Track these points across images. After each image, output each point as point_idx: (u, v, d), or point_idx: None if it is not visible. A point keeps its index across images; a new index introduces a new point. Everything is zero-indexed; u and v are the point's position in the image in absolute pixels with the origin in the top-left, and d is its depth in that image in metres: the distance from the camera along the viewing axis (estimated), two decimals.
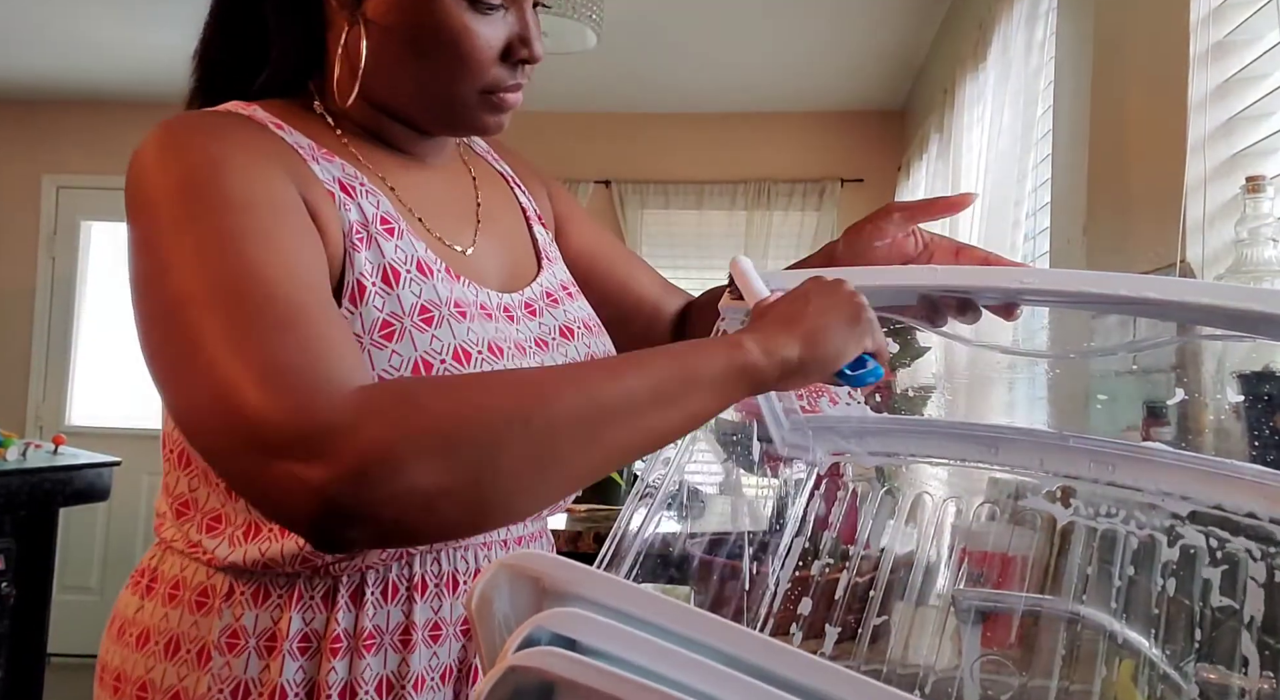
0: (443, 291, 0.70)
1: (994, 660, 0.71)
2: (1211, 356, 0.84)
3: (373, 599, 0.71)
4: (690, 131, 4.41)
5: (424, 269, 0.70)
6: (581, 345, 0.81)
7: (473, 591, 0.41)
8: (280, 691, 0.68)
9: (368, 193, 0.71)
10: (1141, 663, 0.65)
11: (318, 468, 0.49)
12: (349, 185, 0.70)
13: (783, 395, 0.81)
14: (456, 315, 0.69)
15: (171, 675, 0.70)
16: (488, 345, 0.70)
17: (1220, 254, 1.25)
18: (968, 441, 0.76)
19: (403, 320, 0.67)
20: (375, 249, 0.68)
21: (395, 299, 0.67)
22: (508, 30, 0.72)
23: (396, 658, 0.71)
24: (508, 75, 0.73)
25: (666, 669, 0.36)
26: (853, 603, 0.76)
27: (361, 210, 0.69)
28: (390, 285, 0.67)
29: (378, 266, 0.68)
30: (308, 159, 0.69)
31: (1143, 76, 1.61)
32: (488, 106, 0.73)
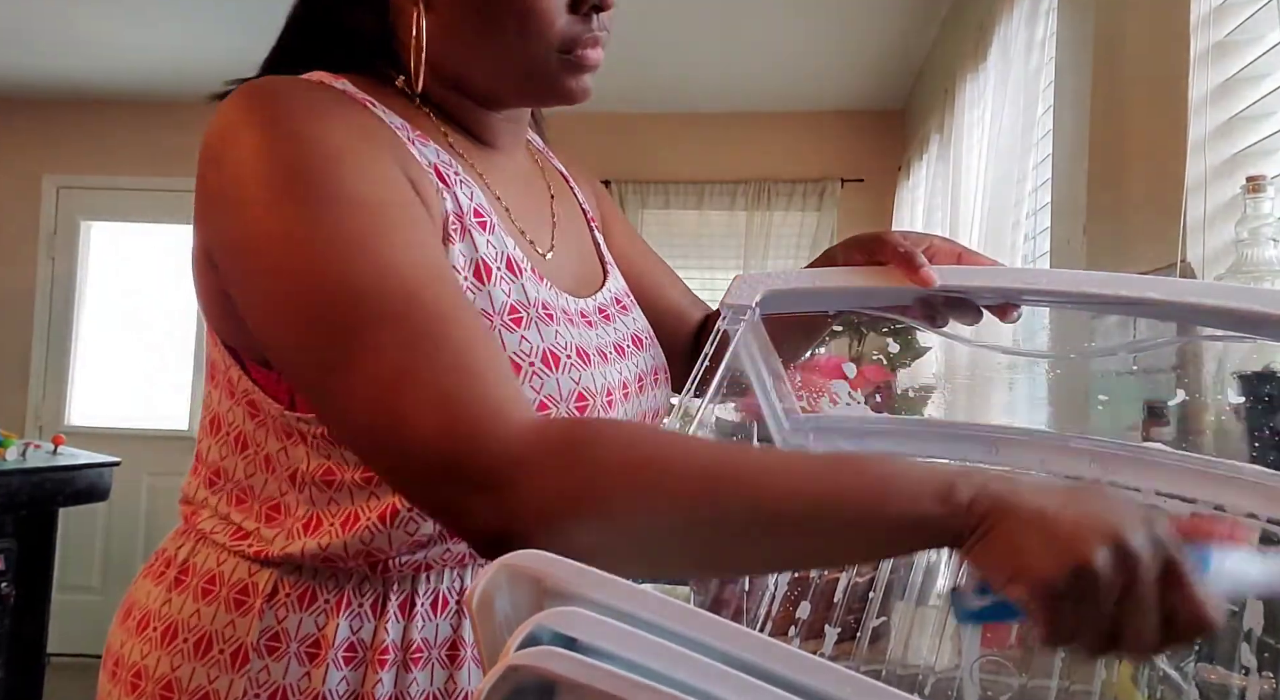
0: (531, 292, 0.68)
1: (994, 661, 0.71)
2: (1212, 357, 0.84)
3: (422, 611, 0.68)
4: (690, 131, 4.41)
5: (513, 267, 0.68)
6: (649, 356, 0.79)
7: (473, 590, 0.41)
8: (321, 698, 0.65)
9: (462, 181, 0.68)
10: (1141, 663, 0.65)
11: (491, 499, 0.50)
12: (444, 172, 0.67)
13: (783, 395, 0.81)
14: (544, 317, 0.68)
15: (201, 675, 0.66)
16: (575, 350, 0.68)
17: (1220, 254, 1.25)
18: (968, 441, 0.76)
19: (492, 319, 0.64)
20: (469, 242, 0.66)
21: (486, 296, 0.65)
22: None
23: (444, 674, 0.69)
24: (583, 28, 0.68)
25: (667, 668, 0.36)
26: (852, 603, 0.76)
27: (457, 200, 0.67)
28: (482, 281, 0.65)
29: (470, 261, 0.65)
30: (405, 140, 0.66)
31: (1143, 76, 1.61)
32: (568, 68, 0.69)
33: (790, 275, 0.72)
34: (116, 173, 4.45)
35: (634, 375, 0.75)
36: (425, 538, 0.66)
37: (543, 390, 0.64)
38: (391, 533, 0.64)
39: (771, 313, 0.73)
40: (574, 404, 0.66)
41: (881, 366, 1.05)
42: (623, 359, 0.74)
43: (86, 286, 4.49)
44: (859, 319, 1.12)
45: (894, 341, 1.07)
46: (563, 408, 0.65)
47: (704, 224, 4.37)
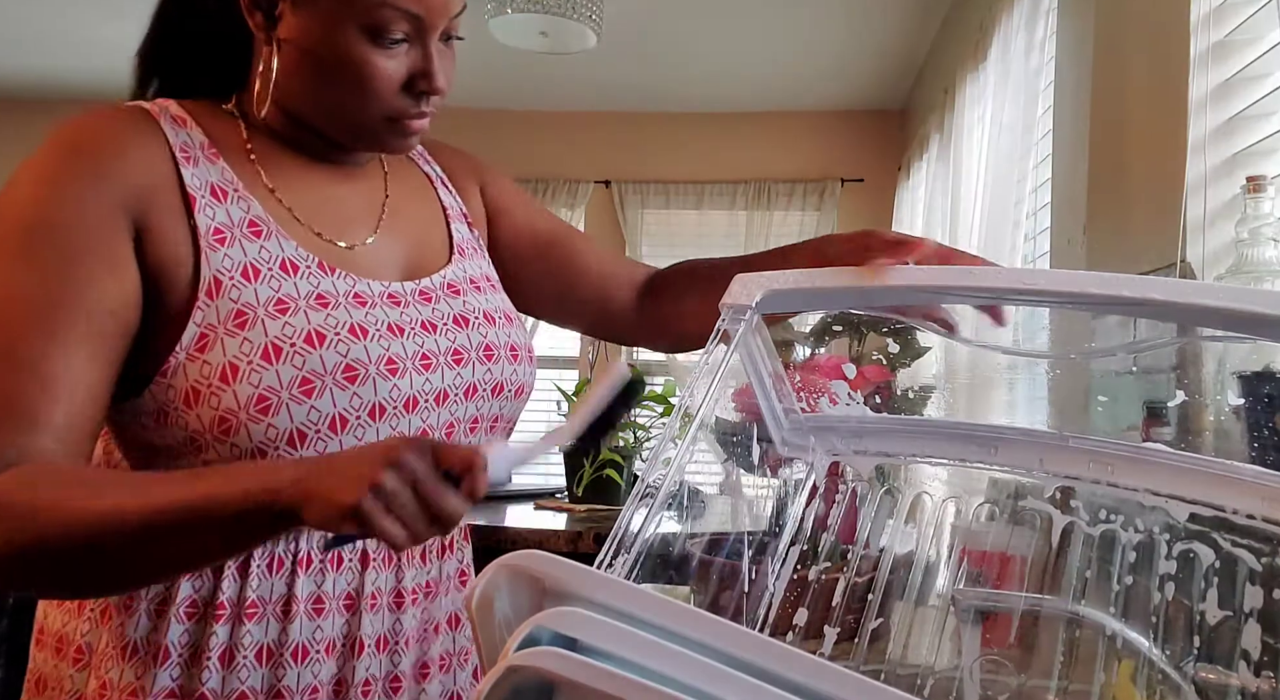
0: (303, 287, 0.76)
1: (993, 660, 0.71)
2: (1212, 357, 0.84)
3: (258, 571, 0.75)
4: (690, 131, 4.41)
5: (287, 267, 0.76)
6: (477, 334, 0.85)
7: (473, 591, 0.41)
8: (164, 652, 0.74)
9: (240, 198, 0.77)
10: (1140, 663, 0.65)
11: None
12: (222, 189, 0.77)
13: (783, 395, 0.81)
14: (315, 306, 0.75)
15: (82, 629, 0.78)
16: (348, 328, 0.76)
17: (1220, 254, 1.25)
18: (967, 442, 0.76)
19: (256, 310, 0.73)
20: (238, 248, 0.75)
21: (252, 291, 0.73)
22: (410, 63, 0.76)
23: (277, 627, 0.75)
24: (411, 105, 0.78)
25: (666, 669, 0.36)
26: (852, 603, 0.76)
27: (228, 214, 0.76)
28: (249, 280, 0.74)
29: (238, 264, 0.74)
30: (184, 161, 0.76)
31: (1143, 76, 1.61)
32: (393, 131, 0.79)
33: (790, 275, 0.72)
34: None
35: (444, 349, 0.81)
36: None
37: (305, 366, 0.72)
38: None
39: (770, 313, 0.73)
40: (341, 375, 0.74)
41: (881, 366, 1.05)
42: (431, 334, 0.81)
43: None
44: (859, 319, 1.12)
45: (894, 341, 1.07)
46: (328, 379, 0.73)
47: (704, 224, 4.38)
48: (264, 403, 0.71)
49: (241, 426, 0.71)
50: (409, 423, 0.77)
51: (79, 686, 0.76)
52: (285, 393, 0.71)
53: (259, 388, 0.71)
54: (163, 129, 0.76)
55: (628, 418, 0.65)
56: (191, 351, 0.71)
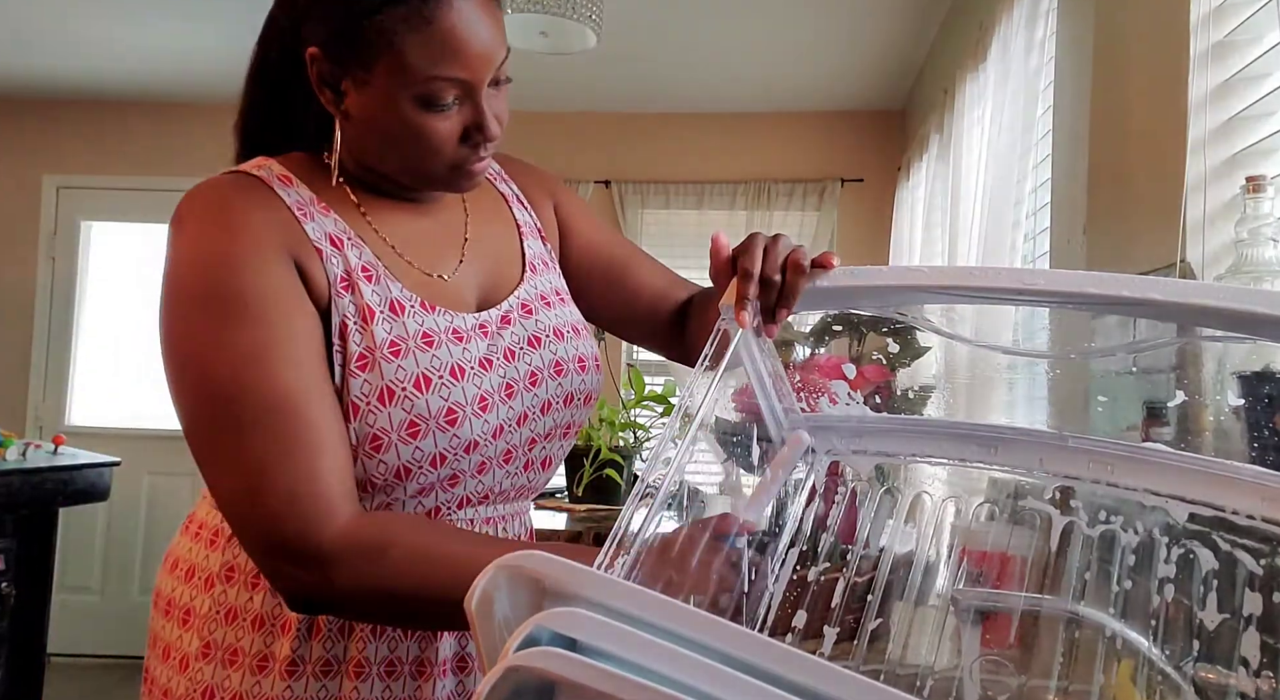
0: (411, 326, 0.83)
1: (993, 660, 0.71)
2: (1211, 357, 0.84)
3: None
4: (690, 131, 4.41)
5: (395, 308, 0.84)
6: (548, 353, 0.93)
7: (473, 591, 0.41)
8: (260, 620, 0.84)
9: (353, 243, 0.85)
10: (1140, 663, 0.65)
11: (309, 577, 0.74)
12: (338, 238, 0.84)
13: (783, 395, 0.81)
14: (422, 345, 0.83)
15: (184, 594, 0.87)
16: (450, 369, 0.84)
17: (1220, 254, 1.25)
18: (967, 441, 0.76)
19: (374, 353, 0.81)
20: (357, 293, 0.83)
21: (370, 334, 0.81)
22: (464, 120, 0.83)
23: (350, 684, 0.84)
24: (469, 154, 0.84)
25: (666, 669, 0.36)
26: (851, 603, 0.76)
27: (346, 260, 0.83)
28: (366, 323, 0.82)
29: (358, 309, 0.82)
30: (302, 218, 0.83)
31: (1143, 76, 1.61)
32: (458, 175, 0.86)
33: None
34: (116, 173, 4.45)
35: (523, 374, 0.90)
36: None
37: (413, 411, 0.80)
38: None
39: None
40: (443, 419, 0.82)
41: (881, 366, 1.05)
42: (511, 362, 0.89)
43: (87, 287, 4.49)
44: (858, 319, 1.12)
45: (894, 341, 1.07)
46: (431, 423, 0.81)
47: (704, 224, 4.37)
48: (376, 442, 0.79)
49: (357, 461, 0.79)
50: (495, 447, 0.86)
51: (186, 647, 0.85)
52: (395, 434, 0.80)
53: (374, 428, 0.79)
54: (275, 191, 0.84)
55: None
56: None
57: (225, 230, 0.79)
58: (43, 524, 2.47)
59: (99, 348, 4.43)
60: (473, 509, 0.89)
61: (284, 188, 0.84)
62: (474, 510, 0.90)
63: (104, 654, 4.17)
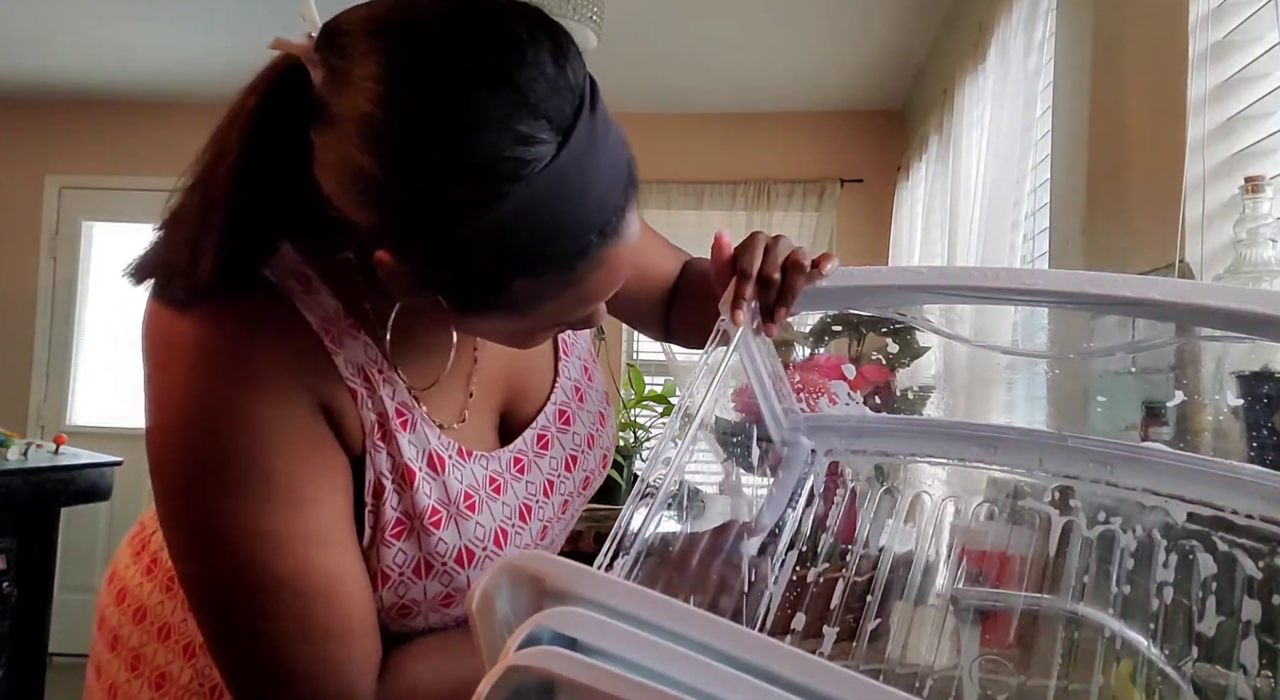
0: (454, 486, 0.72)
1: (992, 660, 0.71)
2: (1210, 357, 0.84)
3: None
4: (690, 131, 4.41)
5: (435, 463, 0.71)
6: (580, 473, 0.84)
7: (474, 591, 0.41)
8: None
9: (385, 380, 0.69)
10: (1140, 662, 0.65)
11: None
12: (369, 372, 0.68)
13: (783, 395, 0.81)
14: (465, 512, 0.72)
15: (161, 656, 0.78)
16: (493, 537, 0.74)
17: (1219, 254, 1.25)
18: (967, 441, 0.76)
19: (413, 522, 0.70)
20: (395, 445, 0.69)
21: (409, 500, 0.69)
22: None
23: None
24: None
25: (667, 668, 0.36)
26: (851, 602, 0.76)
27: (381, 402, 0.69)
28: (405, 486, 0.69)
29: (396, 466, 0.69)
30: (332, 345, 0.67)
31: (1142, 76, 1.61)
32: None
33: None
34: (118, 173, 4.45)
35: (558, 506, 0.81)
36: None
37: (451, 584, 0.71)
38: None
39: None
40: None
41: (881, 366, 1.05)
42: (548, 498, 0.80)
43: (88, 287, 4.49)
44: (858, 319, 1.12)
45: (893, 341, 1.07)
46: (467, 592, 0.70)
47: (704, 224, 4.37)
48: (405, 611, 0.71)
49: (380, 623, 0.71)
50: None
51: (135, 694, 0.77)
52: (426, 604, 0.72)
53: (404, 598, 0.71)
54: (299, 310, 0.66)
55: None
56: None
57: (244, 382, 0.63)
58: (44, 524, 2.47)
59: (100, 347, 4.43)
60: None
61: (307, 295, 0.66)
62: None
63: None
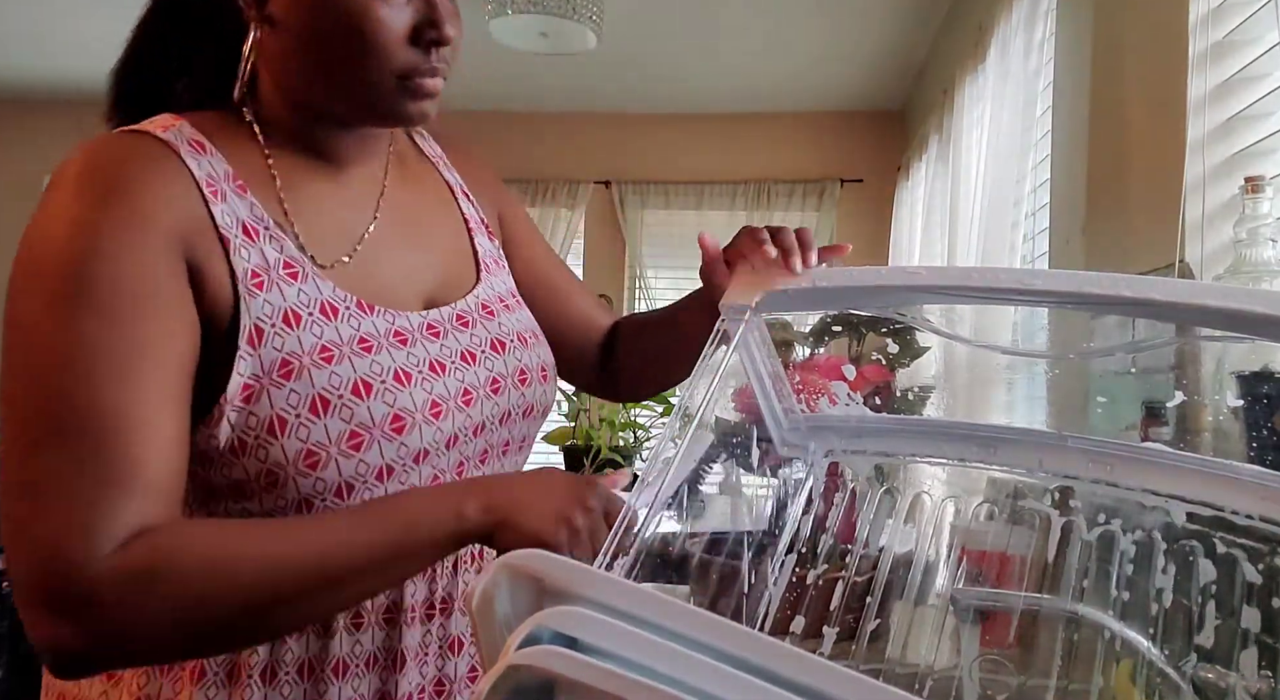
0: (345, 331, 0.72)
1: (992, 660, 0.71)
2: (1210, 357, 0.84)
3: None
4: (690, 131, 4.41)
5: (327, 310, 0.72)
6: (513, 359, 0.83)
7: (473, 591, 0.41)
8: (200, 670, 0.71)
9: (271, 237, 0.72)
10: (1140, 662, 0.65)
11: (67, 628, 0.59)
12: (252, 227, 0.72)
13: (783, 395, 0.81)
14: (359, 351, 0.72)
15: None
16: (393, 374, 0.73)
17: (1219, 254, 1.25)
18: (967, 441, 0.76)
19: (301, 358, 0.69)
20: (277, 292, 0.71)
21: (295, 339, 0.70)
22: (414, 14, 0.72)
23: (317, 642, 0.73)
24: (421, 59, 0.73)
25: (667, 668, 0.36)
26: (851, 602, 0.76)
27: (263, 255, 0.71)
28: (290, 327, 0.70)
29: (278, 309, 0.70)
30: (212, 198, 0.70)
31: (1142, 77, 1.61)
32: (406, 93, 0.73)
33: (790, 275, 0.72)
34: None
35: (484, 380, 0.80)
36: None
37: (353, 420, 0.70)
38: None
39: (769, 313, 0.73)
40: (388, 427, 0.71)
41: (881, 366, 1.05)
42: (471, 366, 0.79)
43: None
44: (858, 319, 1.12)
45: (893, 342, 1.07)
46: (376, 432, 0.71)
47: (704, 224, 4.37)
48: (312, 457, 0.69)
49: (290, 480, 0.69)
50: (448, 458, 0.76)
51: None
52: (334, 447, 0.69)
53: (307, 442, 0.68)
54: (184, 161, 0.70)
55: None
56: (236, 403, 0.68)
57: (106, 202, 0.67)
58: None
59: None
60: None
61: (195, 156, 0.71)
62: None
63: None
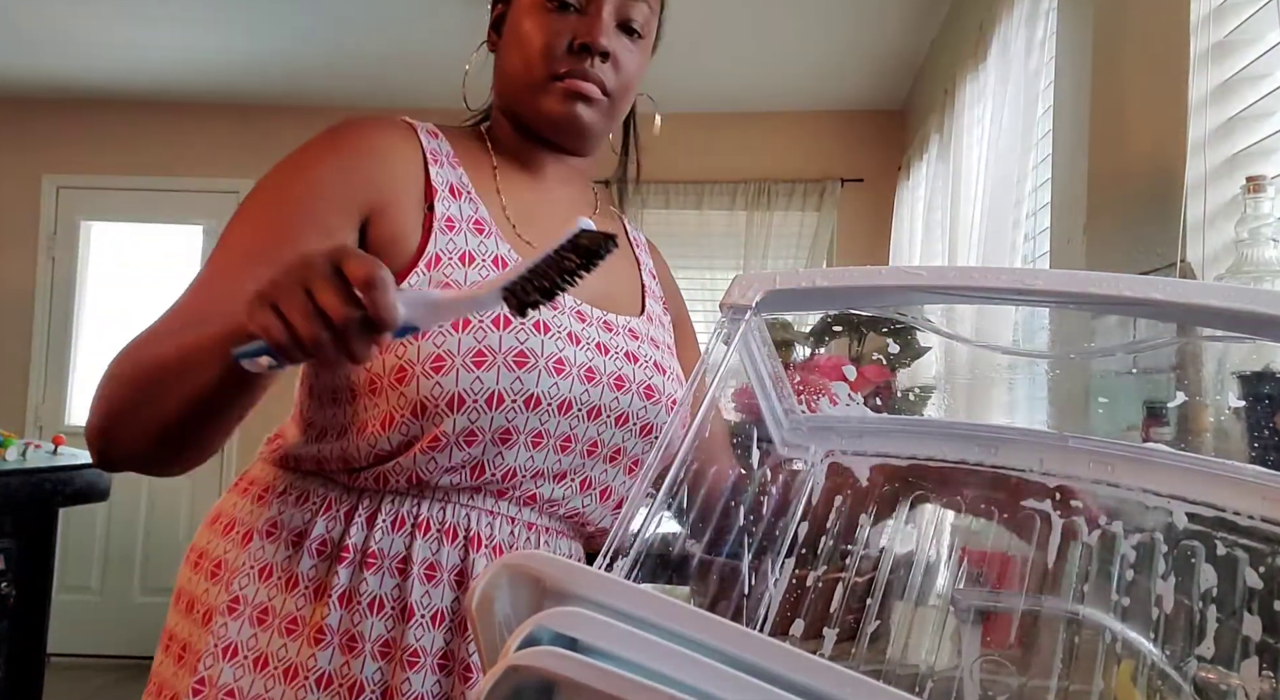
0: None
1: (993, 661, 0.71)
2: (1212, 357, 0.84)
3: (382, 525, 0.82)
4: (690, 131, 4.41)
5: (499, 263, 0.85)
6: (642, 373, 0.90)
7: (473, 591, 0.41)
8: (295, 580, 0.82)
9: (470, 199, 0.89)
10: (1141, 663, 0.65)
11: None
12: (458, 189, 0.88)
13: (783, 395, 0.81)
14: None
15: (218, 548, 0.86)
16: (534, 322, 0.82)
17: (1220, 254, 1.25)
18: (968, 442, 0.76)
19: (461, 285, 0.81)
20: (462, 237, 0.85)
21: (463, 273, 0.83)
22: (577, 25, 0.88)
23: (393, 582, 0.82)
24: (574, 62, 0.88)
25: (667, 668, 0.36)
26: (852, 603, 0.76)
27: (460, 210, 0.87)
28: (463, 264, 0.83)
29: (460, 250, 0.84)
30: (431, 162, 0.88)
31: (1143, 76, 1.61)
32: (558, 93, 0.89)
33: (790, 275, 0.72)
34: (116, 173, 4.45)
35: (609, 372, 0.87)
36: (384, 452, 0.81)
37: (484, 341, 0.80)
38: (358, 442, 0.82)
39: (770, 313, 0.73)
40: (511, 358, 0.80)
41: (881, 366, 1.05)
42: (601, 355, 0.87)
43: (86, 286, 4.49)
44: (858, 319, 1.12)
45: (894, 342, 1.07)
46: (498, 358, 0.80)
47: (704, 224, 4.37)
48: (439, 362, 0.78)
49: (414, 378, 0.78)
50: (557, 423, 0.83)
51: (212, 601, 0.83)
52: (459, 358, 0.78)
53: (440, 348, 0.78)
54: (419, 138, 0.89)
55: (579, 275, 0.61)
56: None
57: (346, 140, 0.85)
58: (43, 524, 2.47)
59: (99, 348, 4.43)
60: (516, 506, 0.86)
61: (429, 137, 0.90)
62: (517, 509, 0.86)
63: (104, 654, 4.16)
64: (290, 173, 0.83)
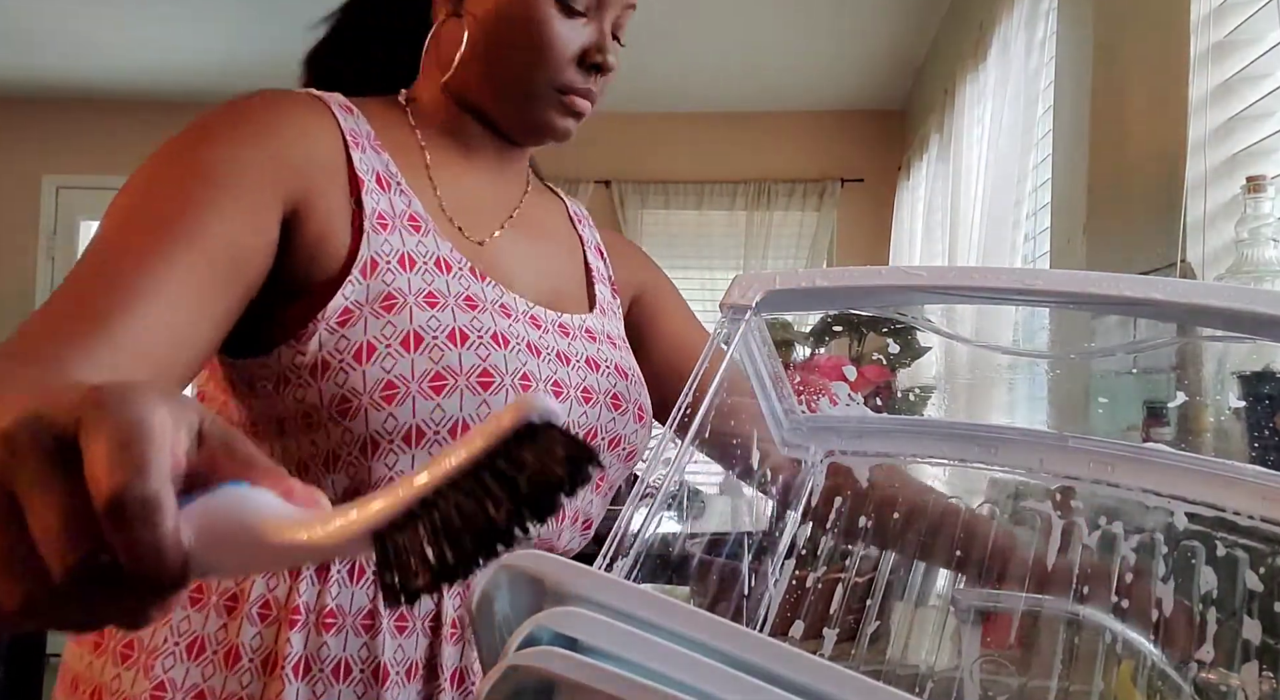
0: (454, 286, 0.74)
1: (993, 661, 0.71)
2: (1212, 357, 0.84)
3: (338, 577, 0.70)
4: (690, 131, 4.41)
5: (441, 265, 0.75)
6: (606, 381, 0.82)
7: (473, 591, 0.41)
8: (235, 653, 0.68)
9: (401, 192, 0.77)
10: (1141, 663, 0.65)
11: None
12: (385, 179, 0.76)
13: (783, 395, 0.81)
14: (464, 306, 0.73)
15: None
16: (492, 335, 0.73)
17: (1220, 254, 1.25)
18: (968, 442, 0.76)
19: (406, 296, 0.70)
20: (398, 237, 0.74)
21: (405, 279, 0.71)
22: (587, 37, 0.80)
23: (359, 641, 0.70)
24: (580, 78, 0.80)
25: (667, 669, 0.36)
26: (852, 603, 0.76)
27: (391, 204, 0.75)
28: (404, 268, 0.72)
29: (396, 251, 0.73)
30: (353, 146, 0.75)
31: (1143, 76, 1.61)
32: (558, 106, 0.81)
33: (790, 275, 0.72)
34: (116, 173, 4.44)
35: (574, 384, 0.79)
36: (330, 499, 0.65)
37: (441, 361, 0.69)
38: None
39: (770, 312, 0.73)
40: (475, 378, 0.70)
41: (881, 366, 1.05)
42: (564, 365, 0.79)
43: None
44: (858, 319, 1.12)
45: (894, 342, 1.07)
46: (461, 380, 0.69)
47: (704, 224, 4.38)
48: (391, 389, 0.67)
49: (362, 410, 0.66)
50: None
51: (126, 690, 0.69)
52: (415, 384, 0.67)
53: (390, 373, 0.67)
54: (334, 113, 0.76)
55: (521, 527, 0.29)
56: (332, 324, 0.68)
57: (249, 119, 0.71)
58: None
59: None
60: None
61: (344, 113, 0.77)
62: None
63: None
64: (192, 144, 0.69)
